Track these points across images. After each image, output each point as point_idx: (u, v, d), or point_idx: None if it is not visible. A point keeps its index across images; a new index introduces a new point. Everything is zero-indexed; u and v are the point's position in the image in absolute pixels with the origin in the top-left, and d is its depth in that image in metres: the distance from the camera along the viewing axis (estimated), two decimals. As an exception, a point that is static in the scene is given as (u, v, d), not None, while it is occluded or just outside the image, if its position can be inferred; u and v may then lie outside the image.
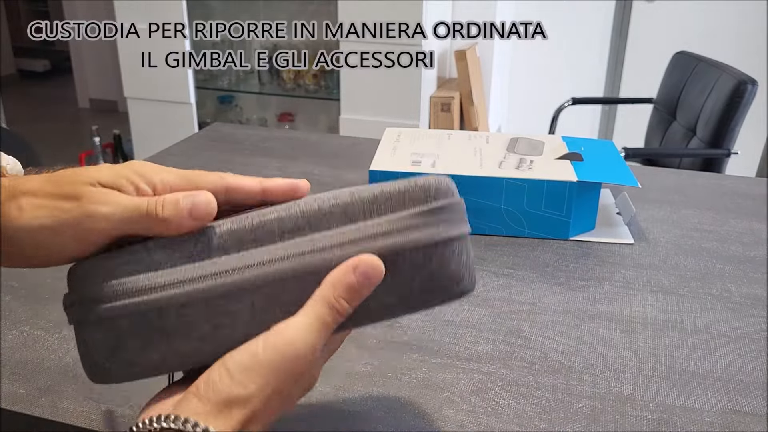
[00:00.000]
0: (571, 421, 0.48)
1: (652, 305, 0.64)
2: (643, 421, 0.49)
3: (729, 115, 1.81)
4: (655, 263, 0.72)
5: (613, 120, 3.18)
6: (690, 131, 2.00)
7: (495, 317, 0.61)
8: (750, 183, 0.96)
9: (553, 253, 0.74)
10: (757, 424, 0.49)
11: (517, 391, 0.51)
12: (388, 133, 0.90)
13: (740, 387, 0.52)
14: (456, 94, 2.58)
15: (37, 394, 0.50)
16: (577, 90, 2.78)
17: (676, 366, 0.55)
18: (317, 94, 2.83)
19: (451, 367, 0.54)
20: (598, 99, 3.07)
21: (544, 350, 0.57)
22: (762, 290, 0.67)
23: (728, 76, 1.84)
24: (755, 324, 0.61)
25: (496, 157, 0.81)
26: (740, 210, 0.86)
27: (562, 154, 0.82)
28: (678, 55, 2.18)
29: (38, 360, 0.54)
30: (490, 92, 2.83)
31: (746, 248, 0.76)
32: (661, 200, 0.89)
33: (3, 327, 0.58)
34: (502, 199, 0.76)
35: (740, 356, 0.56)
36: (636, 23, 2.98)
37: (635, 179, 0.77)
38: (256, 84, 2.96)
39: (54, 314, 0.60)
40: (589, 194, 0.77)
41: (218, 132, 1.13)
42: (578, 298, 0.65)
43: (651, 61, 2.77)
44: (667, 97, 2.16)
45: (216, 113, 3.06)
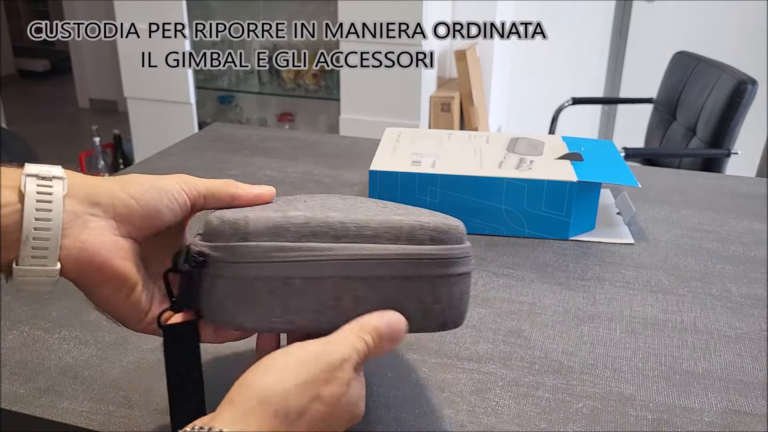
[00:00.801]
0: (571, 421, 0.48)
1: (652, 305, 0.64)
2: (643, 421, 0.49)
3: (729, 115, 1.81)
4: (655, 263, 0.72)
5: (613, 120, 3.18)
6: (690, 131, 2.00)
7: (495, 317, 0.61)
8: (750, 183, 0.96)
9: (553, 253, 0.74)
10: (757, 424, 0.49)
11: (517, 391, 0.51)
12: (388, 133, 0.90)
13: (740, 387, 0.52)
14: (456, 94, 2.58)
15: (37, 394, 0.50)
16: (577, 90, 2.78)
17: (676, 366, 0.55)
18: (317, 94, 2.83)
19: (451, 367, 0.54)
20: (598, 99, 3.07)
21: (544, 350, 0.57)
22: (762, 290, 0.67)
23: (728, 76, 1.84)
24: (755, 324, 0.61)
25: (496, 157, 0.81)
26: (740, 210, 0.86)
27: (562, 154, 0.82)
28: (678, 55, 2.18)
29: (38, 360, 0.54)
30: (490, 92, 2.83)
31: (746, 248, 0.76)
32: (661, 200, 0.89)
33: (3, 327, 0.58)
34: (502, 199, 0.76)
35: (740, 356, 0.56)
36: (636, 23, 2.98)
37: (635, 179, 0.77)
38: (256, 84, 2.96)
39: (54, 314, 0.60)
40: (589, 194, 0.77)
41: (218, 132, 1.13)
42: (578, 298, 0.65)
43: (651, 61, 2.77)
44: (667, 97, 2.16)
45: (216, 113, 3.06)
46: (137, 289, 0.40)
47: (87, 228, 0.38)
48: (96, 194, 0.39)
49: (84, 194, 0.39)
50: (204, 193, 0.43)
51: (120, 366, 0.54)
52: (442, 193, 0.77)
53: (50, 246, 0.37)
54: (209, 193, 0.43)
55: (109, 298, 0.40)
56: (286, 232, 0.38)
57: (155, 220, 0.41)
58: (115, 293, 0.40)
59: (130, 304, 0.41)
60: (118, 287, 0.40)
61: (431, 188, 0.77)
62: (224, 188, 0.44)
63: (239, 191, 0.44)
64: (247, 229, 0.38)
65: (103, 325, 0.59)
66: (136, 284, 0.40)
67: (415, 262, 0.39)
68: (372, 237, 0.39)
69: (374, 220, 0.39)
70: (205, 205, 0.44)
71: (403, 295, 0.40)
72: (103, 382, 0.51)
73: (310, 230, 0.39)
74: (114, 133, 3.24)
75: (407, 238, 0.39)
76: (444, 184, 0.76)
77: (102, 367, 0.53)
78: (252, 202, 0.44)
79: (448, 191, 0.76)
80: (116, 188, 0.40)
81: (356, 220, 0.39)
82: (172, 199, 0.41)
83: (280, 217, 0.39)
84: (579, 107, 2.46)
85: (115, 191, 0.40)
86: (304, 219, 0.39)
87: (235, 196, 0.44)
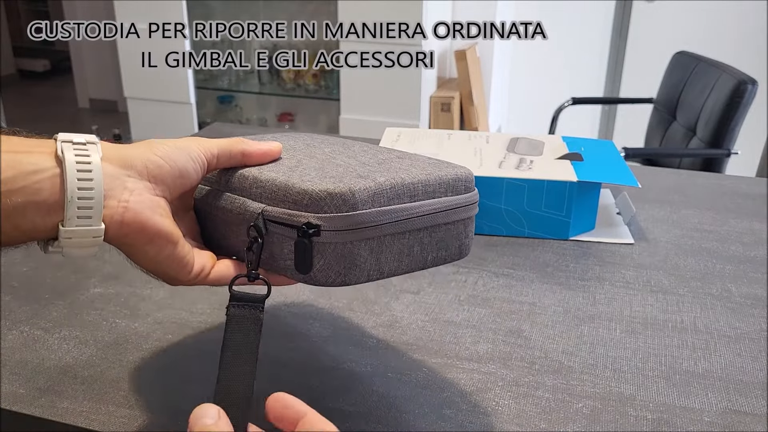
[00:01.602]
0: (571, 421, 0.48)
1: (652, 305, 0.64)
2: (643, 421, 0.49)
3: (729, 115, 1.81)
4: (655, 263, 0.72)
5: (613, 120, 3.18)
6: (690, 131, 2.00)
7: (495, 317, 0.61)
8: (750, 183, 0.96)
9: (553, 253, 0.74)
10: (757, 424, 0.49)
11: (517, 391, 0.51)
12: (388, 133, 0.90)
13: (740, 387, 0.52)
14: (456, 94, 2.58)
15: (37, 394, 0.50)
16: (577, 90, 2.78)
17: (676, 366, 0.55)
18: (317, 94, 2.83)
19: (451, 367, 0.54)
20: (598, 99, 3.06)
21: (544, 350, 0.57)
22: (762, 290, 0.67)
23: (728, 76, 1.84)
24: (755, 324, 0.61)
25: (496, 157, 0.81)
26: (740, 210, 0.86)
27: (562, 154, 0.82)
28: (678, 55, 2.18)
29: (38, 360, 0.54)
30: (490, 92, 2.83)
31: (746, 248, 0.76)
32: (661, 200, 0.89)
33: (3, 327, 0.58)
34: (502, 199, 0.76)
35: (740, 356, 0.56)
36: (636, 23, 2.98)
37: (635, 179, 0.77)
38: (256, 84, 2.96)
39: (54, 314, 0.60)
40: (589, 194, 0.77)
41: (218, 132, 1.13)
42: (578, 298, 0.65)
43: (651, 61, 2.77)
44: (667, 97, 2.16)
45: (216, 113, 3.06)
46: (180, 242, 0.42)
47: (126, 189, 0.39)
48: (129, 157, 0.40)
49: (118, 157, 0.40)
50: (217, 154, 0.45)
51: (120, 366, 0.54)
52: (442, 193, 0.76)
53: (95, 206, 0.37)
54: (222, 152, 0.46)
55: (156, 255, 0.41)
56: (380, 197, 0.43)
57: (184, 179, 0.43)
58: (161, 250, 0.41)
59: (176, 259, 0.42)
60: (162, 244, 0.41)
61: (431, 188, 0.76)
62: (235, 146, 0.46)
63: (249, 148, 0.46)
64: (355, 199, 0.42)
65: (103, 325, 0.59)
66: (179, 239, 0.42)
67: (461, 208, 0.47)
68: (432, 192, 0.46)
69: (431, 179, 0.46)
70: (218, 164, 0.46)
71: (450, 235, 0.47)
72: (103, 382, 0.51)
73: (395, 194, 0.44)
74: (114, 133, 3.24)
75: (453, 190, 0.47)
76: (444, 184, 0.76)
77: (102, 367, 0.53)
78: (262, 158, 0.47)
79: (448, 191, 0.76)
80: (147, 151, 0.41)
81: (421, 180, 0.45)
82: (194, 158, 0.44)
83: (374, 184, 0.43)
84: (579, 107, 2.46)
85: (146, 153, 0.41)
86: (391, 184, 0.44)
87: (245, 153, 0.46)
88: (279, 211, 0.42)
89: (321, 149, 0.50)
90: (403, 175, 0.45)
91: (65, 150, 0.38)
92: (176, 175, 0.42)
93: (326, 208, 0.42)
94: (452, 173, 0.47)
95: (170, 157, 0.42)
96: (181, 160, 0.43)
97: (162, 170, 0.41)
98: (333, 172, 0.45)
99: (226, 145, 0.46)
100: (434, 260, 0.47)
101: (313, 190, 0.42)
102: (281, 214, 0.42)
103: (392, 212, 0.43)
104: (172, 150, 0.42)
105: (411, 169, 0.47)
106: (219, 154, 0.45)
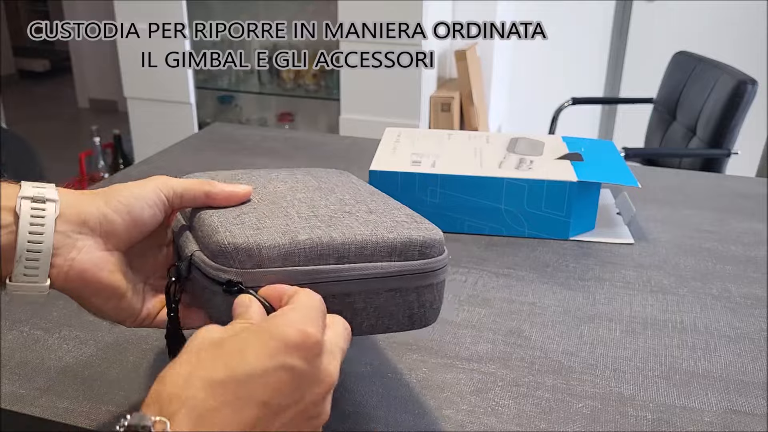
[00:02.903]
0: (571, 421, 0.48)
1: (652, 305, 0.64)
2: (643, 421, 0.49)
3: (729, 115, 1.81)
4: (655, 263, 0.72)
5: (613, 120, 3.17)
6: (690, 131, 2.00)
7: (495, 317, 0.61)
8: (750, 183, 0.96)
9: (553, 253, 0.74)
10: (757, 424, 0.49)
11: (517, 391, 0.51)
12: (388, 133, 0.90)
13: (740, 387, 0.52)
14: (456, 94, 2.58)
15: (37, 394, 0.50)
16: (577, 90, 2.78)
17: (676, 366, 0.55)
18: (317, 94, 2.83)
19: (451, 367, 0.54)
20: (598, 99, 3.06)
21: (544, 350, 0.57)
22: (762, 290, 0.67)
23: (728, 76, 1.84)
24: (755, 324, 0.61)
25: (496, 157, 0.81)
26: (740, 210, 0.86)
27: (562, 154, 0.82)
28: (678, 55, 2.18)
29: (38, 360, 0.54)
30: (490, 92, 2.83)
31: (746, 248, 0.76)
32: (661, 200, 0.89)
33: (3, 327, 0.58)
34: (502, 199, 0.76)
35: (740, 356, 0.56)
36: (636, 23, 2.98)
37: (635, 179, 0.77)
38: (256, 84, 2.96)
39: (54, 314, 0.60)
40: (589, 194, 0.77)
41: (218, 132, 1.13)
42: (578, 298, 0.65)
43: (651, 61, 2.76)
44: (667, 97, 2.16)
45: (216, 113, 3.06)
46: (127, 295, 0.44)
47: (75, 247, 0.41)
48: (85, 213, 0.42)
49: (75, 214, 0.41)
50: (181, 193, 0.45)
51: (120, 366, 0.54)
52: (442, 193, 0.77)
53: (41, 266, 0.40)
54: (185, 193, 0.46)
55: (102, 306, 0.43)
56: (294, 257, 0.41)
57: (138, 228, 0.44)
58: (106, 302, 0.43)
59: (122, 308, 0.44)
60: (108, 297, 0.43)
61: (431, 188, 0.77)
62: (199, 187, 0.46)
63: (213, 190, 0.46)
64: (261, 256, 0.40)
65: (103, 325, 0.59)
66: (126, 292, 0.44)
67: (407, 276, 0.43)
68: (369, 256, 0.42)
69: (371, 241, 0.43)
70: (182, 204, 0.46)
71: (394, 303, 0.44)
72: (103, 382, 0.51)
73: (316, 254, 0.41)
74: (114, 133, 3.23)
75: (399, 254, 0.43)
76: (444, 184, 0.76)
77: (102, 367, 0.53)
78: (226, 200, 0.46)
79: (448, 191, 0.76)
80: (102, 205, 0.42)
81: (356, 241, 0.42)
82: (151, 204, 0.44)
83: (289, 242, 0.41)
84: (579, 107, 2.46)
85: (102, 208, 0.42)
86: (311, 243, 0.41)
87: (210, 195, 0.46)
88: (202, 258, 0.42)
89: (293, 195, 0.48)
90: (338, 234, 0.42)
91: (23, 207, 0.39)
92: (130, 227, 0.43)
93: (231, 262, 0.41)
94: (406, 236, 0.43)
95: (125, 210, 0.43)
96: (136, 209, 0.43)
97: (114, 225, 0.42)
98: (266, 223, 0.43)
99: (190, 186, 0.46)
100: (372, 328, 0.44)
101: (223, 241, 0.41)
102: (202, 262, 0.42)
103: (309, 273, 0.41)
104: (128, 200, 0.43)
105: (360, 228, 0.43)
106: (183, 194, 0.46)
